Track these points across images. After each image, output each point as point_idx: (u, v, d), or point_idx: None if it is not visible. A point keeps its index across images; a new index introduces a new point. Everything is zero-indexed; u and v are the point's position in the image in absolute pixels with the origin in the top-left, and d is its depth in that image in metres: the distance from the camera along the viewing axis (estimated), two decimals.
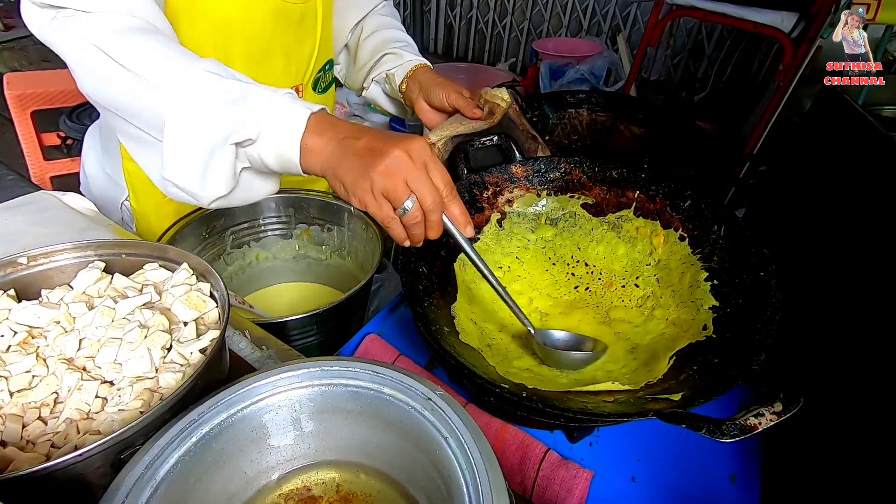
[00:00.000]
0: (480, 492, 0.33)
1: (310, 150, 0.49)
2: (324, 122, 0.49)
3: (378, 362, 0.41)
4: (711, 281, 0.59)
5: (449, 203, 0.49)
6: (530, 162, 0.72)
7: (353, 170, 0.47)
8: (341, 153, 0.48)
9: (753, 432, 0.41)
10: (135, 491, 0.31)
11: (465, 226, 0.50)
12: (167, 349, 0.41)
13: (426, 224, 0.49)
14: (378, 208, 0.48)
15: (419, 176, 0.46)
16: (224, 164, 0.50)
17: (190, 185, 0.50)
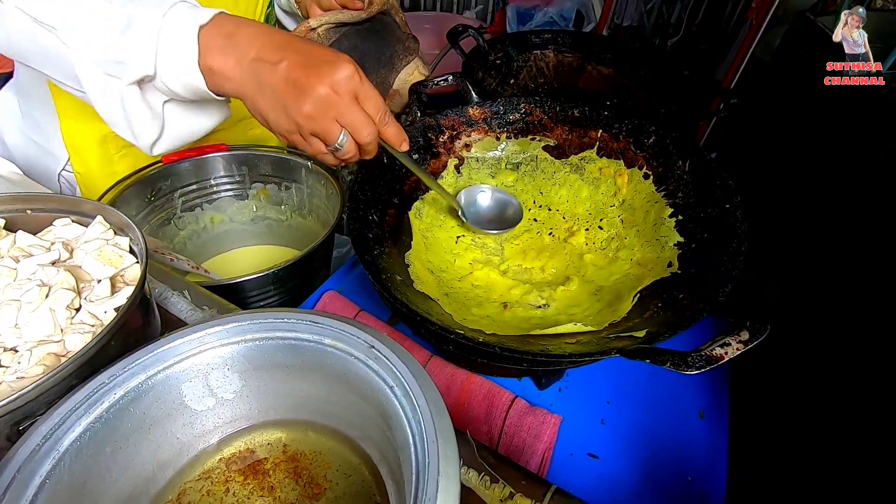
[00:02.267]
0: (426, 440, 0.30)
1: (217, 74, 0.42)
2: (221, 34, 0.42)
3: (317, 312, 0.37)
4: (676, 217, 0.57)
5: (384, 129, 0.45)
6: (488, 103, 0.68)
7: (275, 108, 0.42)
8: (257, 82, 0.42)
9: (720, 362, 0.39)
10: (30, 465, 0.27)
11: (401, 143, 0.48)
12: (75, 309, 0.37)
13: (362, 152, 0.46)
14: (308, 146, 0.44)
15: (351, 112, 0.42)
16: (136, 106, 0.44)
17: (124, 134, 0.46)
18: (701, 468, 0.53)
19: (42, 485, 0.28)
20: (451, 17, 1.83)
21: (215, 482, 0.38)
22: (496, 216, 0.64)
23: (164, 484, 0.36)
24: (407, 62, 0.70)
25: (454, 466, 0.28)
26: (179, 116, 0.49)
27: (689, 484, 0.52)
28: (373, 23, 0.69)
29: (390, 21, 0.71)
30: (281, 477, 0.39)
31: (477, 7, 2.03)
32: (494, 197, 0.65)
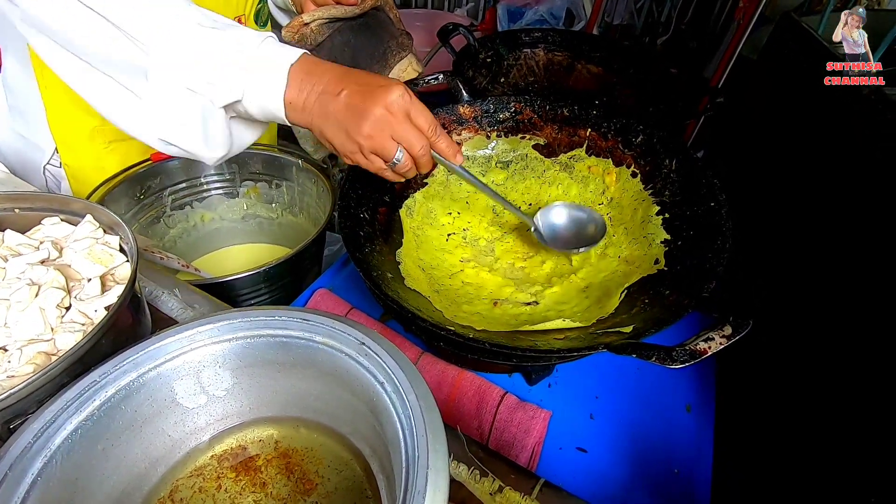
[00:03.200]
0: (416, 434, 0.31)
1: (292, 107, 0.48)
2: (303, 69, 0.47)
3: (307, 309, 0.38)
4: (663, 215, 0.58)
5: (436, 142, 0.49)
6: (478, 102, 0.68)
7: (339, 133, 0.47)
8: (323, 113, 0.47)
9: (704, 356, 0.40)
10: (21, 463, 0.28)
11: (455, 156, 0.51)
12: (65, 308, 0.37)
13: (417, 165, 0.49)
14: (370, 165, 0.48)
15: (404, 128, 0.46)
16: (220, 126, 0.49)
17: (193, 147, 0.49)
18: (687, 461, 0.54)
19: (34, 482, 0.28)
20: (442, 15, 1.83)
21: (207, 479, 0.38)
22: (575, 234, 0.61)
23: (157, 481, 0.37)
24: (400, 58, 0.70)
25: (443, 460, 0.29)
26: (239, 132, 0.53)
27: (676, 476, 0.53)
28: (366, 18, 0.69)
29: (384, 17, 0.71)
30: (273, 473, 0.39)
31: (468, 5, 2.03)
32: (570, 214, 0.61)
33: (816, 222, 0.69)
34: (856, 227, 0.62)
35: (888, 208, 0.56)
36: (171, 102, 0.47)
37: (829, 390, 0.60)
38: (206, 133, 0.49)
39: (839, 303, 0.62)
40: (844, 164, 0.66)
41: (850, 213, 0.63)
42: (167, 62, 0.45)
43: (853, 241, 0.61)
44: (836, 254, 0.64)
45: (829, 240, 0.65)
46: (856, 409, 0.55)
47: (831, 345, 0.61)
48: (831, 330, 0.62)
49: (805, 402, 0.63)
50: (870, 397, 0.53)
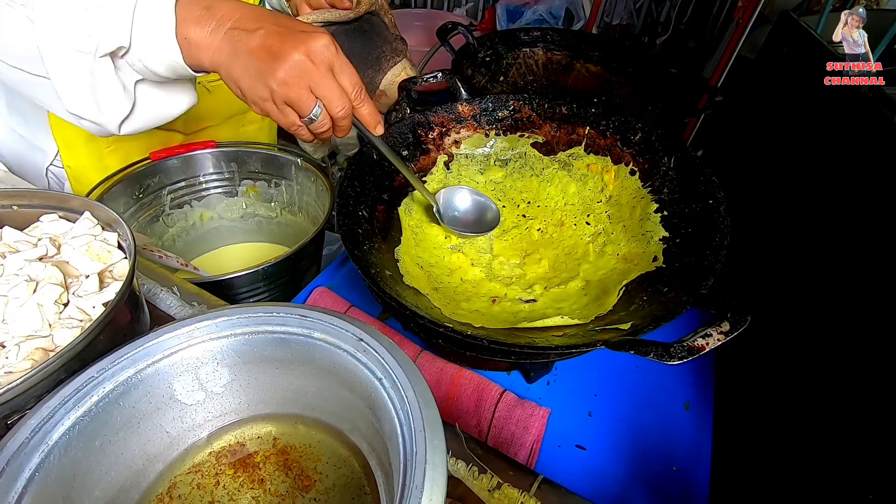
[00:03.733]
0: (414, 430, 0.31)
1: (193, 45, 0.42)
2: (199, 6, 0.42)
3: (306, 306, 0.38)
4: (661, 212, 0.58)
5: (358, 106, 0.46)
6: (477, 100, 0.68)
7: (249, 73, 0.42)
8: (232, 49, 0.41)
9: (702, 353, 0.40)
10: (18, 458, 0.28)
11: (375, 126, 0.48)
12: (63, 304, 0.37)
13: (335, 128, 0.46)
14: (281, 116, 0.44)
15: (325, 82, 0.42)
16: (107, 80, 0.44)
17: (89, 113, 0.45)
18: (686, 458, 0.54)
19: (31, 478, 0.28)
20: (442, 15, 1.83)
21: (206, 475, 0.38)
22: (474, 219, 0.64)
23: (155, 477, 0.37)
24: (394, 63, 0.70)
25: (441, 455, 0.29)
26: (150, 98, 0.48)
27: (675, 474, 0.53)
28: (360, 23, 0.69)
29: (378, 22, 0.71)
30: (271, 470, 0.39)
31: (467, 4, 2.03)
32: (473, 200, 0.65)
33: (815, 220, 0.69)
34: (854, 225, 0.62)
35: (887, 206, 0.56)
36: (59, 66, 0.43)
37: (828, 388, 0.60)
38: (95, 92, 0.44)
39: (838, 300, 0.62)
40: (843, 163, 0.66)
41: (848, 211, 0.63)
42: (49, 25, 0.41)
43: (852, 238, 0.61)
44: (835, 251, 0.64)
45: (828, 237, 0.65)
46: (854, 406, 0.55)
47: (830, 342, 0.61)
48: (830, 327, 0.62)
49: (803, 399, 0.63)
50: (868, 394, 0.54)
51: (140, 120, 0.49)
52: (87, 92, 0.43)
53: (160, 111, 0.50)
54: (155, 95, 0.49)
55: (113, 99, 0.45)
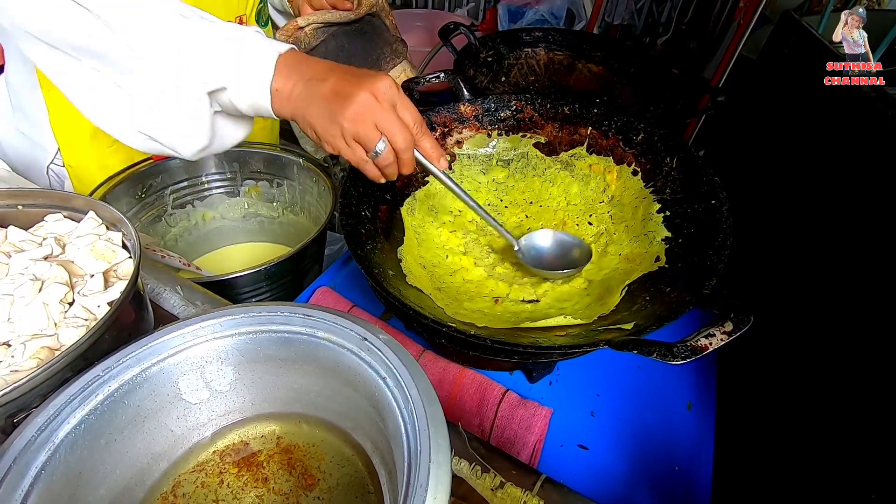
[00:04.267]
0: (418, 429, 0.31)
1: (279, 95, 0.47)
2: (291, 61, 0.48)
3: (310, 305, 0.38)
4: (664, 213, 0.58)
5: (420, 140, 0.48)
6: (479, 101, 0.68)
7: (323, 116, 0.46)
8: (309, 97, 0.47)
9: (705, 352, 0.40)
10: (25, 455, 0.28)
11: (438, 159, 0.50)
12: (69, 303, 0.37)
13: (399, 163, 0.48)
14: (351, 153, 0.47)
15: (388, 118, 0.46)
16: (203, 114, 0.48)
17: (170, 139, 0.49)
18: (688, 458, 0.54)
19: (38, 476, 0.28)
20: (443, 15, 1.83)
21: (210, 474, 0.38)
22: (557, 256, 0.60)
23: (159, 476, 0.37)
24: (394, 65, 0.70)
25: (445, 454, 0.29)
26: (225, 128, 0.53)
27: (677, 473, 0.53)
28: (361, 24, 0.69)
29: (379, 23, 0.71)
30: (275, 468, 0.39)
31: (468, 5, 2.03)
32: (556, 239, 0.61)
33: (817, 220, 0.69)
34: (857, 225, 0.62)
35: (888, 205, 0.56)
36: (156, 93, 0.46)
37: (830, 388, 0.60)
38: (186, 124, 0.49)
39: (840, 300, 0.62)
40: (845, 162, 0.66)
41: (850, 211, 0.63)
42: (153, 54, 0.45)
43: (854, 239, 0.61)
44: (837, 251, 0.64)
45: (830, 237, 0.65)
46: (856, 406, 0.55)
47: (832, 342, 0.61)
48: (832, 327, 0.62)
49: (806, 400, 0.63)
50: (870, 394, 0.54)
51: (214, 148, 0.53)
52: (176, 120, 0.48)
53: (226, 141, 0.55)
54: (225, 126, 0.53)
55: (202, 131, 0.50)
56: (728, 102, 0.89)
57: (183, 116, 0.48)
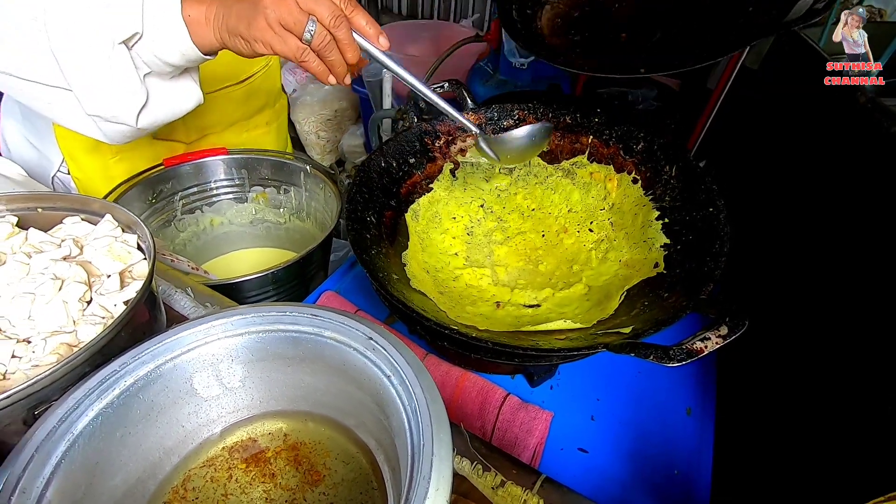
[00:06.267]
0: (421, 425, 0.32)
1: (194, 22, 0.47)
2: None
3: (317, 306, 0.39)
4: (663, 220, 0.59)
5: (352, 16, 0.46)
6: (483, 109, 0.70)
7: (244, 16, 0.45)
8: (225, 8, 0.46)
9: (700, 355, 0.41)
10: (47, 445, 0.29)
11: (377, 37, 0.48)
12: (87, 302, 0.38)
13: (338, 45, 0.47)
14: (284, 43, 0.46)
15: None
16: (124, 69, 0.48)
17: (108, 109, 0.49)
18: (687, 462, 0.55)
19: (58, 464, 0.29)
20: (448, 26, 1.85)
21: (219, 469, 0.39)
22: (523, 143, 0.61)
23: (170, 470, 0.38)
24: None
25: (447, 448, 0.30)
26: (161, 91, 0.52)
27: (676, 477, 0.54)
28: None
29: None
30: (282, 465, 0.40)
31: (473, 15, 2.06)
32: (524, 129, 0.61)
33: (816, 228, 0.70)
34: (853, 233, 0.63)
35: (884, 213, 0.57)
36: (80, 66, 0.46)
37: (827, 395, 0.60)
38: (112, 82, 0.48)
39: (838, 307, 0.63)
40: (841, 172, 0.67)
41: (847, 218, 0.64)
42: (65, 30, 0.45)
43: (851, 246, 0.62)
44: (834, 259, 0.65)
45: (828, 245, 0.66)
46: (854, 412, 0.56)
47: (830, 349, 0.62)
48: (830, 334, 0.63)
49: (804, 406, 0.64)
50: (867, 399, 0.54)
51: (155, 113, 0.53)
52: (104, 86, 0.47)
53: (172, 105, 0.54)
54: (165, 88, 0.53)
55: (130, 88, 0.49)
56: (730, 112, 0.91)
57: (110, 80, 0.48)
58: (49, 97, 0.50)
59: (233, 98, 0.88)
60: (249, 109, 0.94)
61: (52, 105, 0.51)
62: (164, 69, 0.50)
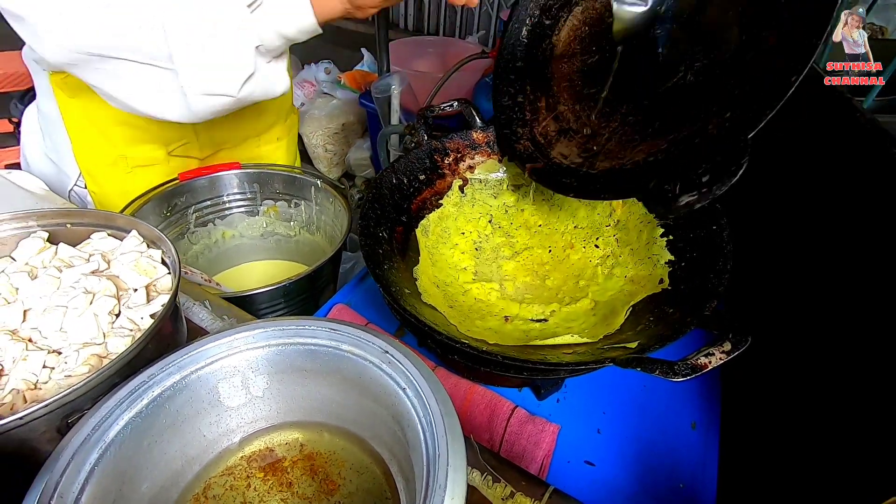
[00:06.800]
0: (436, 436, 0.33)
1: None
2: None
3: (334, 320, 0.41)
4: (667, 237, 0.60)
5: None
6: (491, 128, 0.72)
7: None
8: None
9: (704, 370, 0.42)
10: (81, 452, 0.31)
11: None
12: (115, 315, 0.40)
13: None
14: None
15: None
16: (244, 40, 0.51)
17: (215, 72, 0.52)
18: (692, 476, 0.56)
19: (91, 471, 0.31)
20: (454, 42, 1.89)
21: (238, 478, 0.41)
22: None
23: (192, 478, 0.39)
24: None
25: (462, 459, 0.32)
26: (263, 68, 0.56)
27: (681, 490, 0.55)
28: None
29: None
30: (298, 474, 0.41)
31: (479, 32, 2.11)
32: None
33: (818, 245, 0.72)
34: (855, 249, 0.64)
35: (883, 231, 0.59)
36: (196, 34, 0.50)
37: (832, 410, 0.61)
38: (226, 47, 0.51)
39: (839, 324, 0.64)
40: (840, 191, 0.69)
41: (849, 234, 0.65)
42: None
43: (853, 263, 0.64)
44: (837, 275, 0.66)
45: (831, 262, 0.67)
46: (860, 426, 0.56)
47: (833, 364, 0.63)
48: (832, 350, 0.63)
49: (809, 421, 0.65)
50: (873, 415, 0.55)
51: (254, 85, 0.56)
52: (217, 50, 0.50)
53: (268, 86, 0.58)
54: (265, 68, 0.56)
55: (243, 60, 0.53)
56: None
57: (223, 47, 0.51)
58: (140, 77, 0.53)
59: (246, 114, 0.91)
60: (262, 125, 0.97)
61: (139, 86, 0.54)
62: (274, 43, 0.54)
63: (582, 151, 0.59)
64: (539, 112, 0.65)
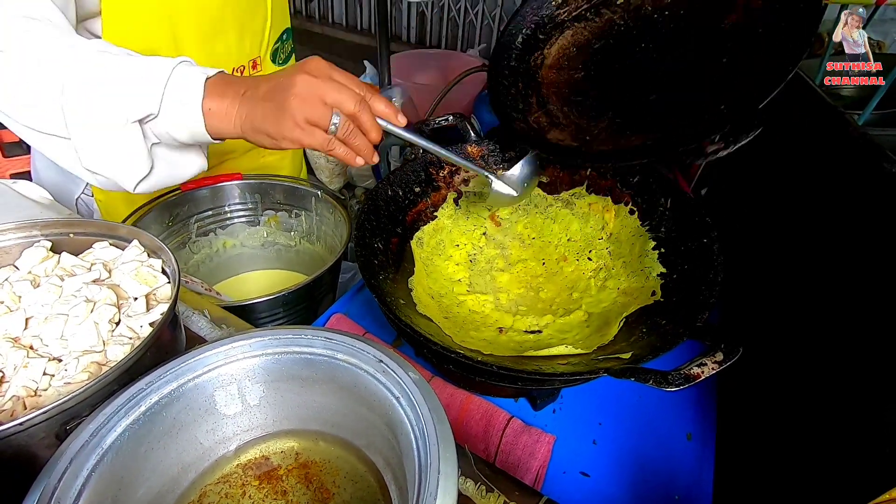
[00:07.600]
0: (428, 443, 0.34)
1: (214, 115, 0.48)
2: (221, 83, 0.49)
3: (330, 329, 0.41)
4: (659, 250, 0.61)
5: (371, 101, 0.49)
6: (485, 142, 0.73)
7: (269, 115, 0.47)
8: (250, 107, 0.48)
9: (697, 380, 0.43)
10: (79, 458, 0.31)
11: (395, 115, 0.50)
12: (115, 323, 0.41)
13: (361, 128, 0.49)
14: (311, 137, 0.47)
15: (331, 87, 0.46)
16: (134, 145, 0.49)
17: (109, 171, 0.50)
18: (687, 488, 0.56)
19: (88, 476, 0.31)
20: (456, 55, 1.92)
21: (233, 486, 0.41)
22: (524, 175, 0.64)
23: (188, 485, 0.40)
24: None
25: (453, 466, 0.32)
26: (166, 160, 0.54)
27: (676, 502, 0.55)
28: None
29: None
30: (293, 482, 0.42)
31: (480, 45, 2.13)
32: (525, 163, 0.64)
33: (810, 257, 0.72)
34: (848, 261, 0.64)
35: (874, 244, 0.59)
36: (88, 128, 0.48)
37: (827, 421, 0.61)
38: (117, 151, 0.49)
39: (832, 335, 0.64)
40: (832, 203, 0.69)
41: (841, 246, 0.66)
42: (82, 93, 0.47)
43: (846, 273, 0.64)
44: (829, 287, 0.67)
45: (823, 273, 0.68)
46: (854, 438, 0.57)
47: (826, 375, 0.63)
48: (825, 361, 0.64)
49: (804, 432, 0.65)
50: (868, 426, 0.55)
51: (154, 180, 0.54)
52: (109, 152, 0.49)
53: (174, 173, 0.55)
54: (170, 158, 0.54)
55: (136, 162, 0.51)
56: None
57: (116, 149, 0.49)
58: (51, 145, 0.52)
59: None
60: None
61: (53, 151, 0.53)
62: (172, 143, 0.52)
63: (574, 140, 0.61)
64: (531, 106, 0.67)
